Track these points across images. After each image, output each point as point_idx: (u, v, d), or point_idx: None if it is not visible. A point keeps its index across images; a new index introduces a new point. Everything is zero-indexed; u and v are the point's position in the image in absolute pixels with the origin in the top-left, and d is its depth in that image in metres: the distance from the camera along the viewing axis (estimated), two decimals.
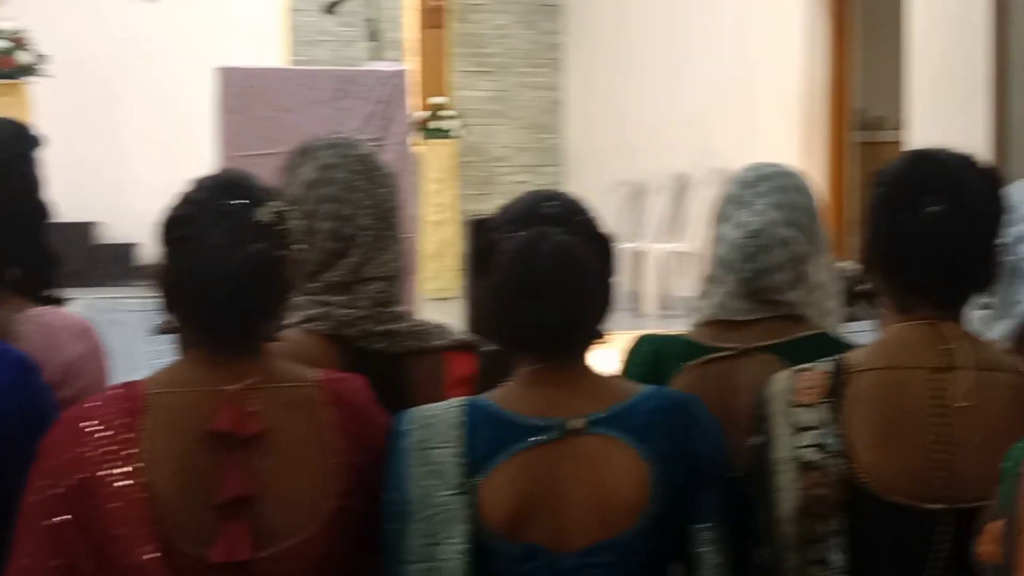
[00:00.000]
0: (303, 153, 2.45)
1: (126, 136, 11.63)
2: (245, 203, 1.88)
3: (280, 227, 1.90)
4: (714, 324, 2.36)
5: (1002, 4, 6.67)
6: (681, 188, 10.72)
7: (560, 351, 1.94)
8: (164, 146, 10.94)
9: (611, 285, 2.02)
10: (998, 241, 2.02)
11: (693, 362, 2.32)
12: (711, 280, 2.39)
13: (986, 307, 2.11)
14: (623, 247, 10.98)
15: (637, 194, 11.55)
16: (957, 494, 1.85)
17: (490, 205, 10.82)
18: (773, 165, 2.46)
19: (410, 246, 5.82)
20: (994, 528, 1.60)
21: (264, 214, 1.88)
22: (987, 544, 1.59)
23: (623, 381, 2.08)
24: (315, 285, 2.31)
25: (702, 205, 10.03)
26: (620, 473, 1.90)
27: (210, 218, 1.86)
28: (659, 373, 2.30)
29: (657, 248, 10.73)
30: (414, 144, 11.77)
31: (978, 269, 2.00)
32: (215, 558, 1.80)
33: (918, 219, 1.93)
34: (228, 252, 1.83)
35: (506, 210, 2.04)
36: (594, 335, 1.98)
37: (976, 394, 1.89)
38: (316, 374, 1.97)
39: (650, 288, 10.70)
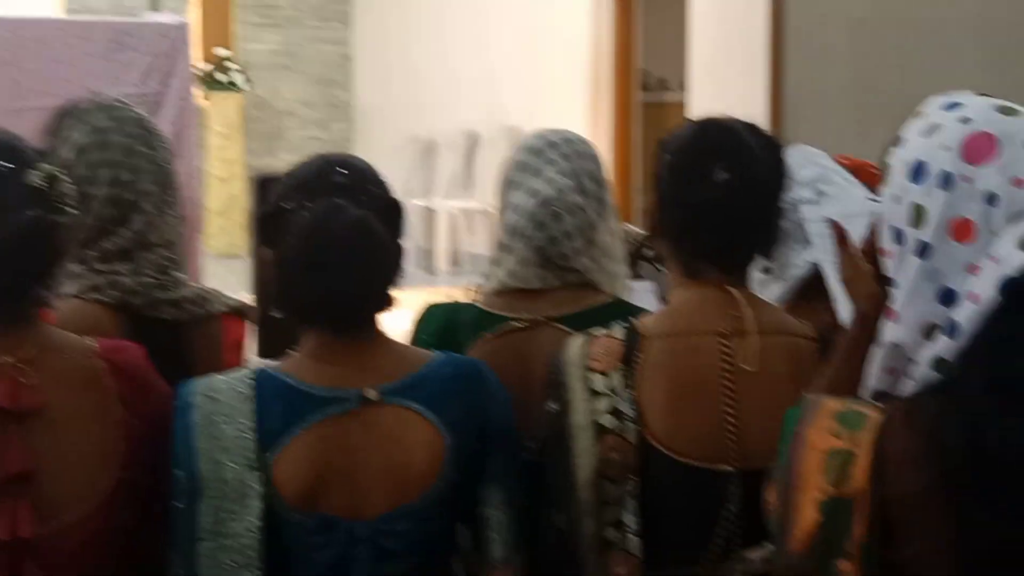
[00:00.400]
0: (71, 115, 2.34)
1: None
2: (14, 167, 1.79)
3: (53, 191, 1.82)
4: (506, 292, 2.35)
5: None
6: (472, 146, 10.74)
7: (352, 324, 1.93)
8: None
9: (402, 252, 1.99)
10: (780, 206, 2.07)
11: (489, 333, 2.30)
12: (502, 248, 2.37)
13: (765, 271, 2.13)
14: (414, 204, 11.03)
15: (428, 151, 11.53)
16: (746, 456, 1.89)
17: (278, 161, 10.77)
18: (561, 132, 2.44)
19: (194, 204, 5.73)
20: (774, 483, 1.64)
21: (36, 178, 1.79)
22: (771, 500, 1.62)
23: (415, 350, 2.07)
24: (93, 253, 2.24)
25: (493, 163, 10.05)
26: (414, 442, 1.90)
27: None
28: (452, 342, 2.28)
29: (448, 205, 10.73)
30: (197, 98, 11.63)
31: (763, 234, 2.05)
32: None
33: (707, 187, 1.95)
34: None
35: (294, 176, 1.99)
36: (385, 303, 1.96)
37: (763, 358, 1.93)
38: (93, 344, 1.90)
39: (441, 245, 10.71)
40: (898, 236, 1.55)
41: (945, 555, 1.41)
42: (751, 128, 2.06)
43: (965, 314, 1.44)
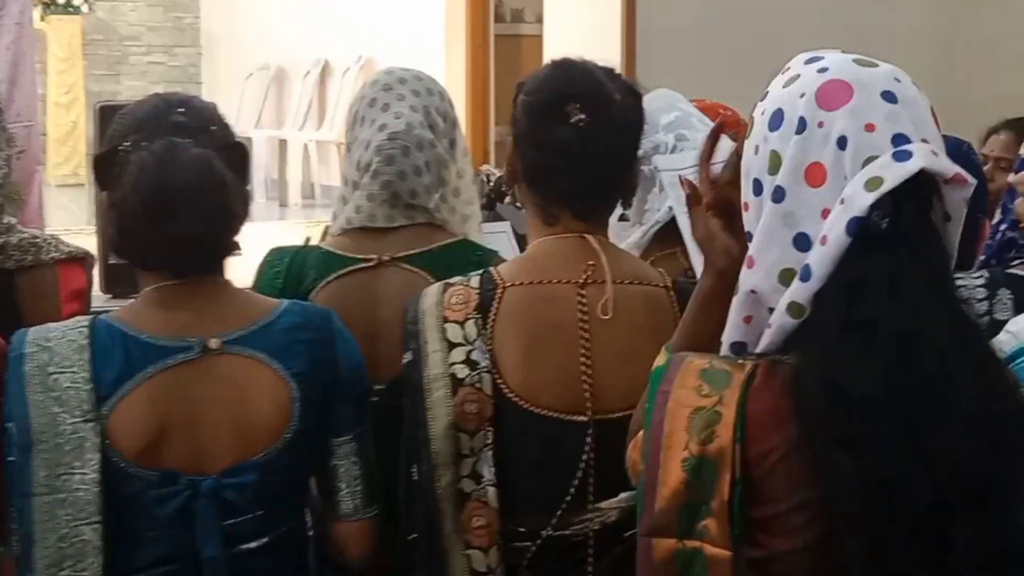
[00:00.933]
0: None
1: None
2: None
3: None
4: (353, 232, 2.32)
5: None
6: (324, 75, 10.57)
7: (195, 270, 1.87)
8: None
9: (247, 195, 1.96)
10: (637, 152, 2.06)
11: (334, 274, 2.27)
12: (350, 185, 2.34)
13: (621, 218, 2.12)
14: (265, 135, 10.88)
15: (279, 80, 11.36)
16: (601, 405, 1.89)
17: (121, 87, 10.53)
18: (411, 70, 2.44)
19: (34, 133, 5.57)
20: (639, 441, 1.64)
21: None
22: (634, 458, 1.62)
23: (262, 298, 2.02)
24: None
25: (346, 94, 9.96)
26: (260, 393, 1.87)
27: None
28: (297, 287, 2.27)
29: (300, 136, 10.56)
30: (37, 23, 11.33)
31: (620, 180, 2.03)
32: None
33: (563, 129, 1.94)
34: None
35: (130, 115, 1.93)
36: (229, 248, 1.92)
37: (619, 308, 1.92)
38: None
39: (293, 177, 10.57)
40: (757, 187, 1.54)
41: (810, 510, 1.43)
42: (609, 72, 2.05)
43: (816, 257, 1.45)
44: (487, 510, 1.88)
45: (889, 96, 1.48)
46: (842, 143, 1.46)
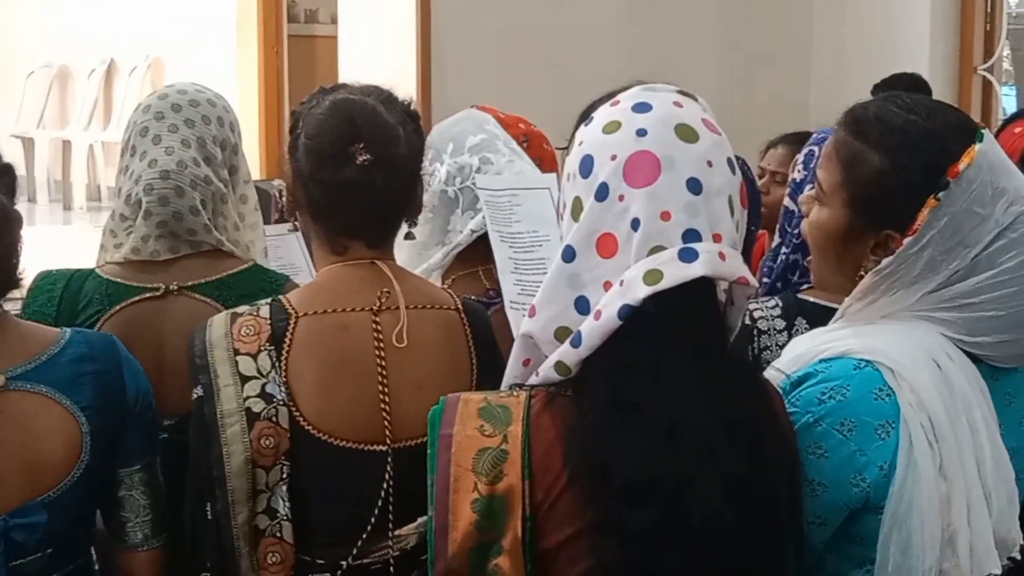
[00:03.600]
0: None
1: None
2: None
3: None
4: (135, 262, 2.29)
5: None
6: (111, 74, 10.35)
7: None
8: None
9: (17, 219, 1.93)
10: (419, 176, 2.09)
11: (119, 305, 2.24)
12: (123, 219, 2.30)
13: (408, 236, 2.14)
14: (48, 135, 10.61)
15: (63, 78, 11.07)
16: (399, 434, 1.92)
17: None
18: (187, 91, 2.38)
19: None
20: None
21: None
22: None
23: (43, 329, 2.00)
24: None
25: (134, 95, 9.77)
26: (47, 429, 1.86)
27: None
28: (72, 316, 2.23)
29: (85, 136, 10.33)
30: None
31: (403, 201, 2.06)
32: None
33: (348, 169, 1.96)
34: None
35: None
36: (9, 278, 1.91)
37: (413, 333, 1.95)
38: None
39: (78, 179, 10.34)
40: (562, 212, 1.62)
41: (581, 543, 1.50)
42: (388, 101, 2.07)
43: (587, 329, 1.51)
44: (282, 546, 1.89)
45: (694, 184, 1.52)
46: (635, 224, 1.51)
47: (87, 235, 5.16)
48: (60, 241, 7.80)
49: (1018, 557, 1.72)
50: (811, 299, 2.07)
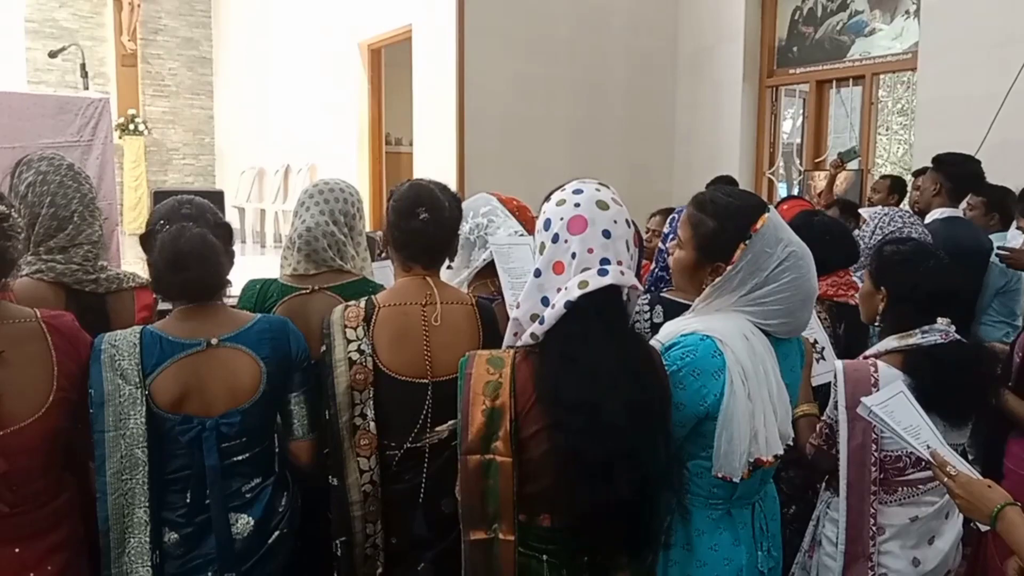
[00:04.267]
0: (25, 164, 2.19)
1: None
2: None
3: (6, 224, 1.67)
4: (295, 275, 2.25)
5: (461, 69, 6.79)
6: (287, 172, 10.31)
7: (199, 299, 1.83)
8: None
9: (230, 254, 1.90)
10: (457, 232, 2.05)
11: (286, 297, 2.21)
12: (289, 247, 2.28)
13: (448, 267, 2.11)
14: (252, 206, 10.56)
15: (260, 175, 11.01)
16: (435, 373, 1.87)
17: (167, 178, 10.02)
18: (330, 182, 2.33)
19: (113, 206, 5.33)
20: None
21: None
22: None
23: (243, 313, 1.95)
24: (41, 249, 2.11)
25: (299, 183, 9.74)
26: (242, 369, 1.83)
27: None
28: (263, 303, 2.20)
29: (272, 207, 10.28)
30: (115, 140, 10.90)
31: (445, 244, 2.01)
32: None
33: (416, 223, 1.93)
34: None
35: (158, 209, 1.90)
36: (221, 285, 1.88)
37: (444, 317, 1.91)
38: (35, 312, 1.76)
39: (269, 230, 10.30)
40: (534, 251, 1.62)
41: (543, 434, 1.51)
42: (442, 187, 2.03)
43: (548, 313, 1.53)
44: (369, 435, 1.85)
45: (606, 233, 1.54)
46: (573, 256, 1.53)
47: (274, 261, 5.14)
48: (259, 265, 7.83)
49: (791, 444, 1.72)
50: (667, 296, 2.07)
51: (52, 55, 6.32)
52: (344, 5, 8.74)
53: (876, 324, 2.12)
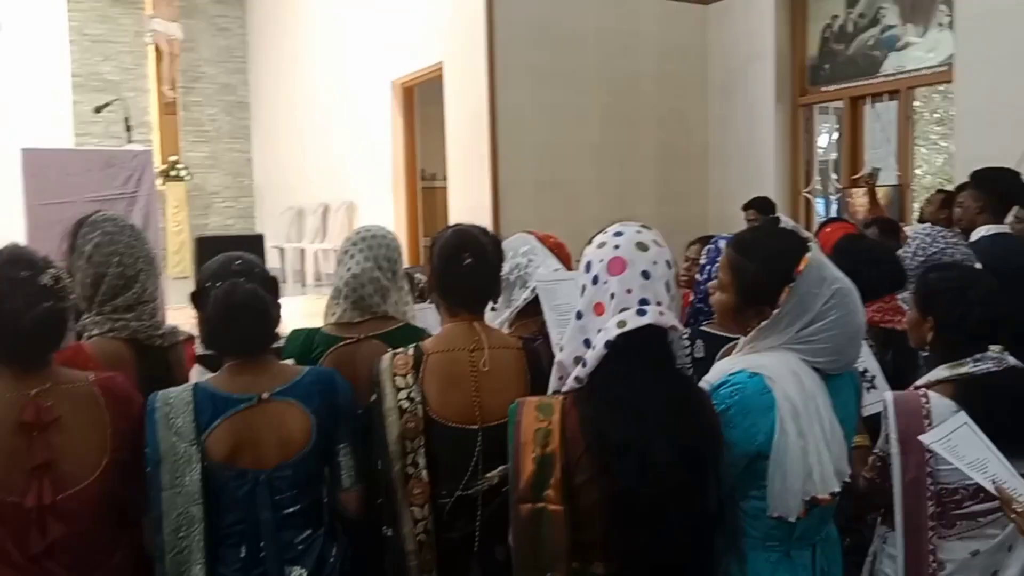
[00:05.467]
0: (88, 224, 2.23)
1: None
2: (31, 272, 1.69)
3: (58, 287, 1.72)
4: (341, 323, 2.27)
5: (492, 103, 6.83)
6: (325, 212, 10.44)
7: (251, 354, 1.86)
8: None
9: (279, 308, 1.92)
10: (499, 275, 2.06)
11: (334, 347, 2.23)
12: (336, 295, 2.29)
13: (492, 308, 2.12)
14: (291, 247, 10.71)
15: (299, 215, 11.15)
16: (485, 419, 1.87)
17: (209, 221, 10.24)
18: (372, 229, 2.36)
19: (157, 256, 5.48)
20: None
21: (47, 279, 1.69)
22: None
23: (292, 366, 1.97)
24: (109, 308, 2.15)
25: (337, 222, 9.86)
26: (293, 422, 1.84)
27: (3, 285, 1.66)
28: (308, 353, 2.22)
29: (311, 247, 10.38)
30: (158, 186, 11.15)
31: (490, 291, 2.03)
32: (29, 503, 1.64)
33: (459, 268, 1.94)
34: (24, 311, 1.64)
35: (209, 266, 1.92)
36: (272, 340, 1.90)
37: (492, 362, 1.91)
38: (90, 375, 1.79)
39: (309, 270, 10.39)
40: (577, 293, 1.61)
41: (595, 484, 1.49)
42: (482, 231, 2.04)
43: (590, 355, 1.52)
44: (421, 484, 1.85)
45: (645, 274, 1.53)
46: (612, 297, 1.53)
47: (312, 299, 5.20)
48: (299, 302, 7.92)
49: (847, 480, 1.69)
50: (707, 330, 2.08)
51: (98, 110, 6.51)
52: (376, 46, 8.89)
53: (925, 351, 2.08)
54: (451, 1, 7.38)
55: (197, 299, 1.86)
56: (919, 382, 1.98)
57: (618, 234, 1.58)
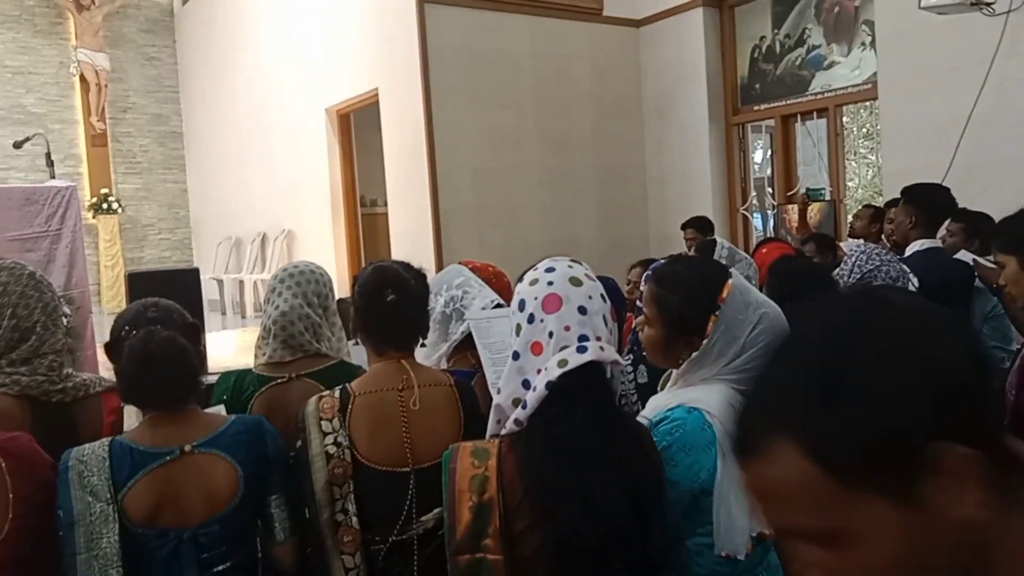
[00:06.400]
0: None
1: None
2: None
3: None
4: (271, 363, 2.20)
5: (429, 128, 6.81)
6: (264, 241, 10.26)
7: (170, 405, 1.76)
8: None
9: (201, 355, 1.84)
10: (426, 309, 2.01)
11: (263, 388, 2.15)
12: (265, 335, 2.22)
13: (421, 344, 2.05)
14: (230, 278, 10.48)
15: (237, 245, 10.97)
16: (418, 461, 1.80)
17: (144, 254, 9.98)
18: (298, 266, 2.30)
19: (85, 292, 5.26)
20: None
21: None
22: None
23: (217, 415, 1.88)
24: (3, 362, 1.99)
25: (277, 251, 9.69)
26: (219, 475, 1.75)
27: None
28: (239, 396, 2.14)
29: (251, 277, 10.19)
30: (88, 219, 10.91)
31: (417, 326, 1.97)
32: None
33: (382, 305, 1.89)
34: None
35: (123, 315, 1.83)
36: (194, 388, 1.80)
37: (422, 401, 1.85)
38: None
39: (248, 301, 10.20)
40: (512, 332, 1.56)
41: (535, 530, 1.44)
42: (405, 266, 1.99)
43: (530, 397, 1.47)
44: (352, 531, 1.77)
45: (582, 310, 1.49)
46: (551, 335, 1.49)
47: (252, 331, 5.07)
48: (237, 335, 7.73)
49: None
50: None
51: (17, 146, 6.25)
52: (309, 73, 8.80)
53: None
54: (385, 27, 7.33)
55: (111, 350, 1.77)
56: None
57: (549, 270, 1.55)
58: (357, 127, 8.65)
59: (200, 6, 11.84)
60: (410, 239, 7.07)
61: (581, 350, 1.45)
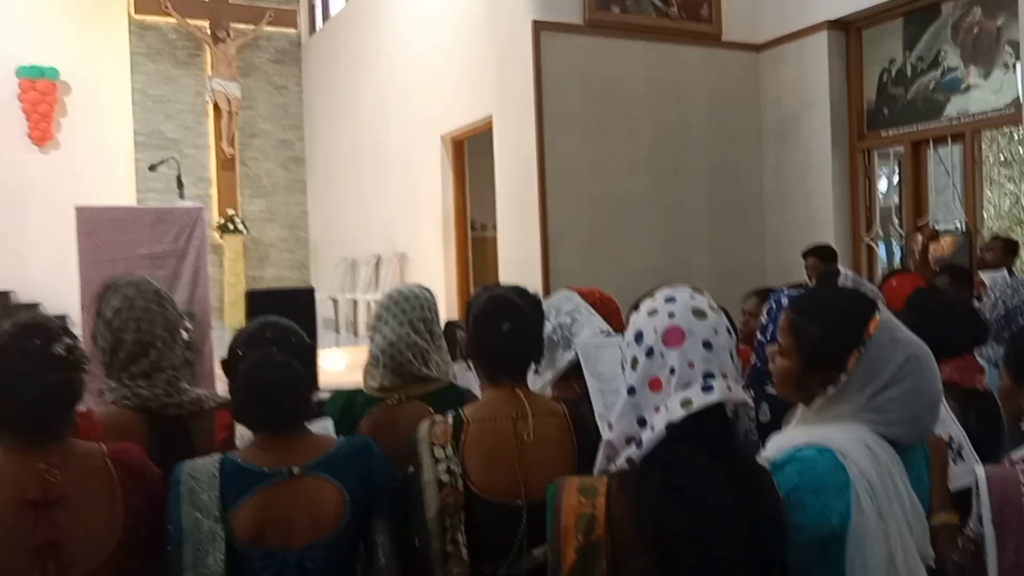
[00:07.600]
0: (111, 288, 2.15)
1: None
2: (43, 341, 1.61)
3: (72, 357, 1.63)
4: (382, 387, 2.19)
5: (541, 154, 6.81)
6: (377, 263, 10.49)
7: (282, 428, 1.74)
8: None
9: (314, 379, 1.82)
10: (540, 337, 1.95)
11: (373, 408, 2.16)
12: (373, 361, 2.23)
13: (535, 371, 2.00)
14: (345, 297, 10.76)
15: (352, 266, 11.25)
16: (530, 494, 1.73)
17: (265, 272, 10.43)
18: (405, 291, 2.29)
19: (206, 307, 5.48)
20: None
21: (59, 348, 1.61)
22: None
23: (325, 437, 1.86)
24: (125, 374, 2.05)
25: (390, 273, 9.89)
26: (325, 499, 1.72)
27: (14, 354, 1.57)
28: (350, 415, 2.15)
29: (364, 297, 10.43)
30: (215, 238, 11.48)
31: (531, 355, 1.91)
32: None
33: (497, 335, 1.84)
34: (32, 381, 1.56)
35: (241, 333, 1.83)
36: (305, 413, 1.79)
37: (536, 431, 1.79)
38: (102, 447, 1.69)
39: (361, 320, 10.43)
40: (626, 364, 1.46)
41: (645, 573, 1.34)
42: (521, 293, 1.93)
43: (646, 436, 1.37)
44: (461, 563, 1.72)
45: (707, 344, 1.38)
46: (672, 371, 1.38)
47: (363, 349, 5.17)
48: (350, 353, 7.92)
49: (933, 566, 1.52)
50: (773, 392, 1.85)
51: (152, 168, 6.63)
52: (426, 101, 8.98)
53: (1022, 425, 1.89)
54: (500, 55, 7.40)
55: (226, 367, 1.78)
56: (1015, 455, 1.78)
57: (670, 300, 1.44)
58: (470, 152, 8.76)
59: (326, 38, 12.33)
60: (519, 263, 7.06)
61: (707, 389, 1.35)
